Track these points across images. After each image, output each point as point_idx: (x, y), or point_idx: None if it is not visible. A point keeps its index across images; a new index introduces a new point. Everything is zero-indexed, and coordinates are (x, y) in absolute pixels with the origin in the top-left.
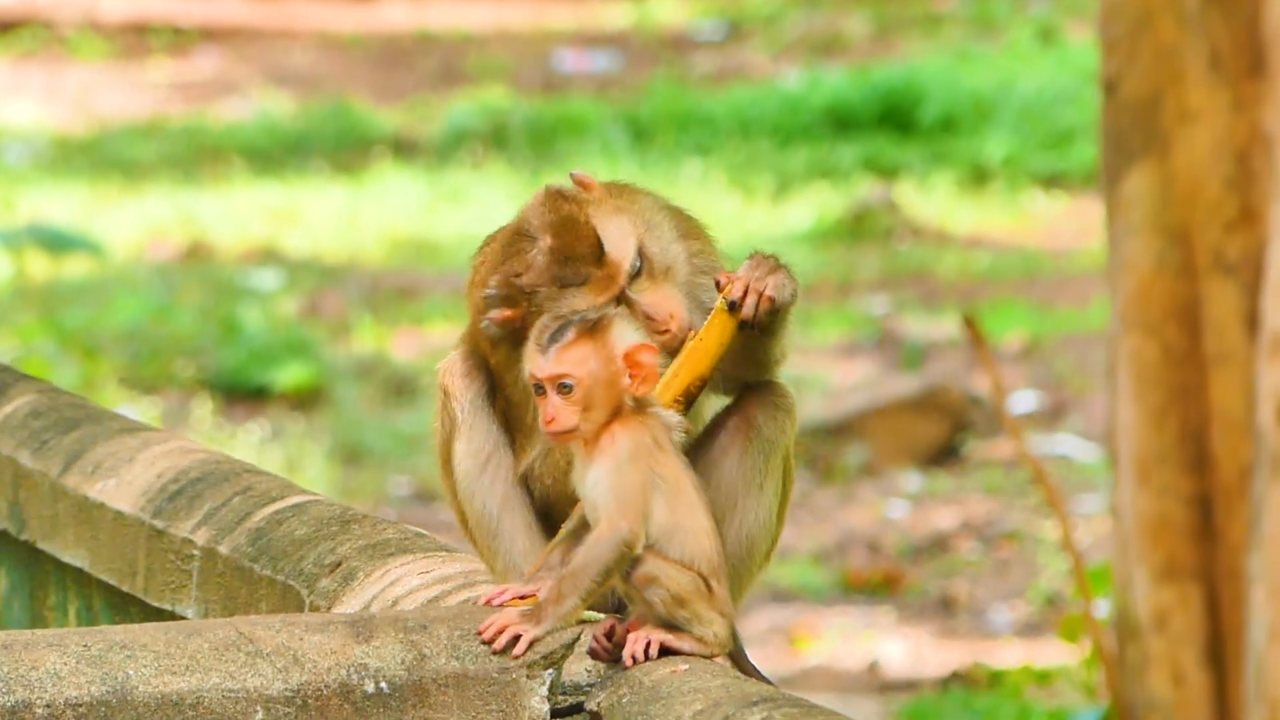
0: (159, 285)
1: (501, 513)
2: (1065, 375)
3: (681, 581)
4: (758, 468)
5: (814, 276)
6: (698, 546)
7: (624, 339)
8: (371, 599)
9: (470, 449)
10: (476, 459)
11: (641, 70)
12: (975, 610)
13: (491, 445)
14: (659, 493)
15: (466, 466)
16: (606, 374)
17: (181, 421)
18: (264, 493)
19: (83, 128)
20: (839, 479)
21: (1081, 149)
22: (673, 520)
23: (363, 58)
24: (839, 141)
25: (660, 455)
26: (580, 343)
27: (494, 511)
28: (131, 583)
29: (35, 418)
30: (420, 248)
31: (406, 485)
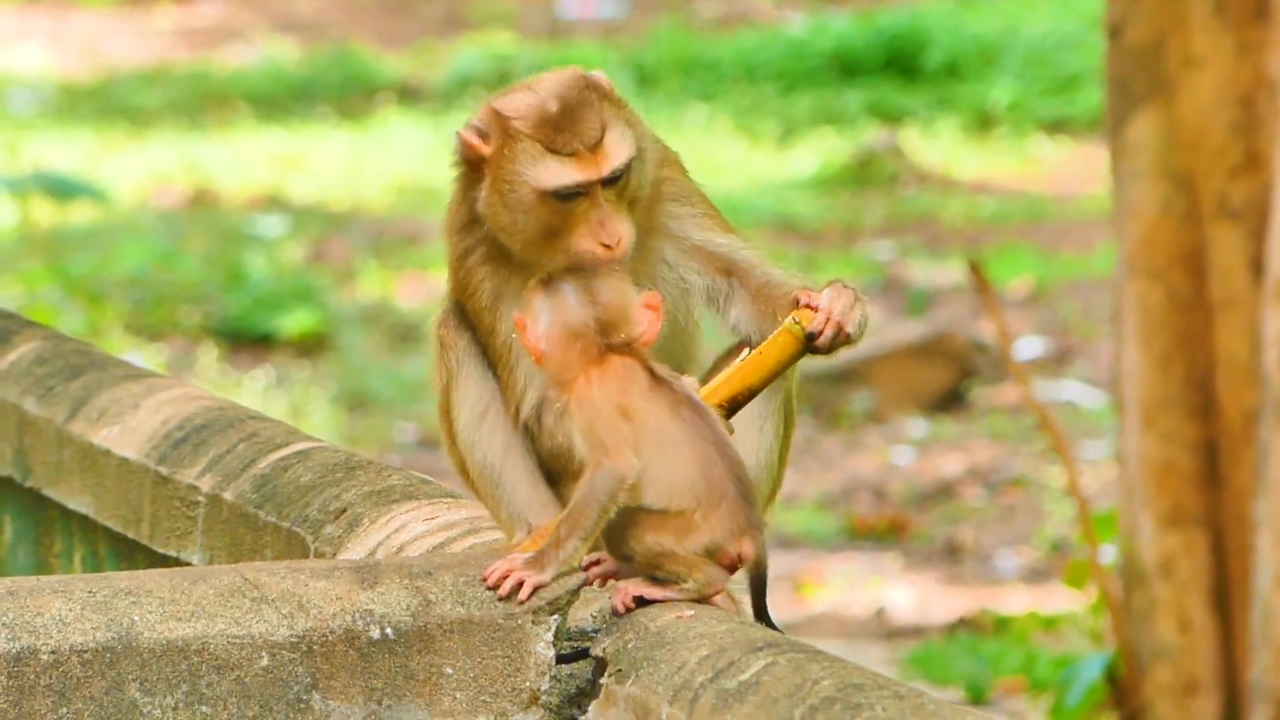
0: (164, 232)
1: (503, 462)
2: (1070, 321)
3: (646, 543)
4: (757, 409)
5: (819, 222)
6: (673, 481)
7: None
8: (376, 545)
9: (468, 399)
10: (474, 409)
11: (646, 16)
12: (981, 556)
13: (489, 395)
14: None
15: (465, 417)
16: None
17: (186, 368)
18: (269, 439)
19: (88, 74)
20: (844, 425)
21: (1086, 94)
22: (640, 462)
23: (368, 4)
24: (844, 87)
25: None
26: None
27: (495, 462)
28: (137, 529)
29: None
30: (425, 194)
31: (412, 431)
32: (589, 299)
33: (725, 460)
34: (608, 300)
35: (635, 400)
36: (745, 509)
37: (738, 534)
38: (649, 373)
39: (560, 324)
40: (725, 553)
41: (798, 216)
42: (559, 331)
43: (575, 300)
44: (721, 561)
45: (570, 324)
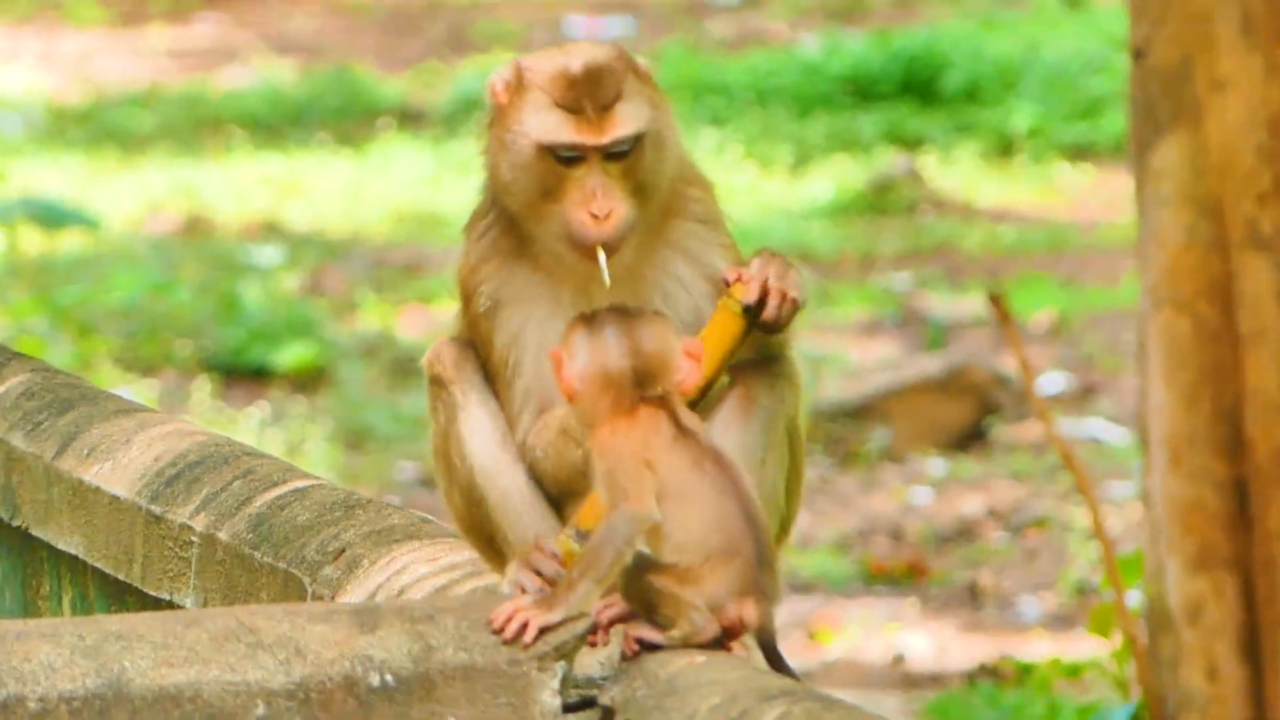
0: (157, 261)
1: (527, 487)
2: (1095, 355)
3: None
4: (758, 441)
5: (834, 251)
6: (687, 537)
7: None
8: (376, 588)
9: (483, 428)
10: (493, 437)
11: (655, 37)
12: (1003, 601)
13: (504, 421)
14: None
15: (484, 447)
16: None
17: (180, 403)
18: (265, 477)
19: (79, 96)
20: (860, 464)
21: (1110, 118)
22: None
23: (368, 23)
24: (859, 111)
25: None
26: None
27: (520, 488)
28: (128, 570)
29: (28, 398)
30: (427, 222)
31: (413, 469)
32: (631, 348)
33: (746, 518)
34: (650, 351)
35: (658, 453)
36: (757, 572)
37: (743, 595)
38: (675, 424)
39: (597, 370)
40: (727, 612)
41: (812, 246)
42: (595, 377)
43: (616, 348)
44: (722, 621)
45: (608, 372)
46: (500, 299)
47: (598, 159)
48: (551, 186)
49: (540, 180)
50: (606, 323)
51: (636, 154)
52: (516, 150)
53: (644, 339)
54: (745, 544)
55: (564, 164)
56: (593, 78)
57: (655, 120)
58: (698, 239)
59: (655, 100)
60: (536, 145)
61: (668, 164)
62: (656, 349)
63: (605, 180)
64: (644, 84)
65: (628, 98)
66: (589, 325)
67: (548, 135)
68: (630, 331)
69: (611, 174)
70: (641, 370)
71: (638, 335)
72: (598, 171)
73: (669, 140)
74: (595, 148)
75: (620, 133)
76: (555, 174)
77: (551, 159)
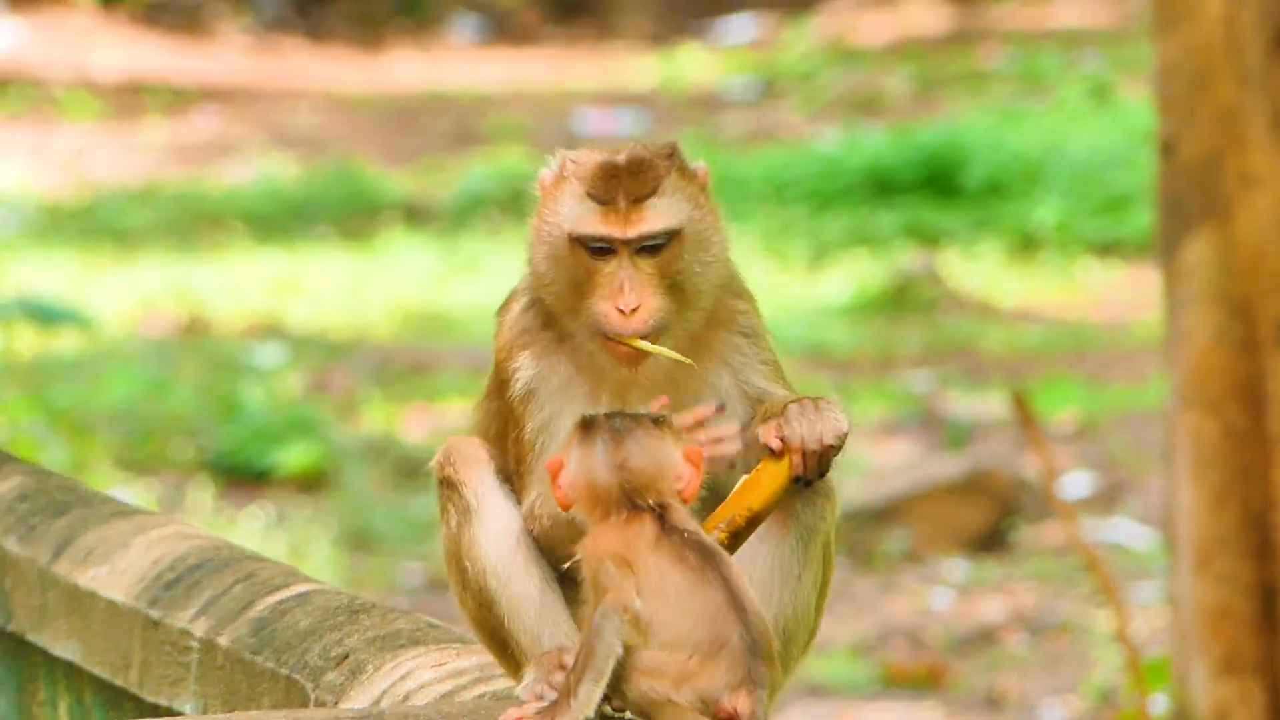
0: (154, 361)
1: (541, 594)
2: (1120, 456)
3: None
4: (796, 556)
5: (852, 350)
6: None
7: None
8: (381, 694)
9: (495, 532)
10: (506, 542)
11: (669, 131)
12: (1025, 706)
13: (517, 524)
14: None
15: (497, 551)
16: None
17: (179, 505)
18: (267, 580)
19: (73, 192)
20: (880, 566)
21: (1137, 215)
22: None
23: (371, 118)
24: (879, 206)
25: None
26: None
27: (533, 594)
28: (126, 676)
29: (23, 501)
30: (433, 321)
31: (419, 573)
32: (618, 462)
33: (735, 609)
34: (638, 466)
35: (639, 554)
36: (747, 662)
37: (735, 686)
38: (659, 524)
39: (585, 483)
40: (720, 706)
41: (830, 344)
42: (583, 489)
43: (604, 462)
44: (718, 715)
45: (595, 485)
46: (536, 387)
47: (628, 253)
48: (583, 279)
49: (572, 272)
50: (599, 435)
51: (672, 251)
52: (552, 241)
53: (634, 453)
54: (732, 632)
55: (595, 256)
56: (630, 171)
57: (695, 220)
58: (740, 354)
59: (698, 201)
60: (567, 236)
61: (710, 268)
62: (646, 464)
63: (635, 275)
64: (689, 183)
65: (664, 194)
66: (584, 435)
67: (577, 226)
68: (621, 445)
69: (642, 269)
70: (628, 485)
71: (628, 449)
72: (627, 265)
73: (711, 243)
74: (623, 241)
75: (648, 227)
76: (586, 267)
77: (583, 251)
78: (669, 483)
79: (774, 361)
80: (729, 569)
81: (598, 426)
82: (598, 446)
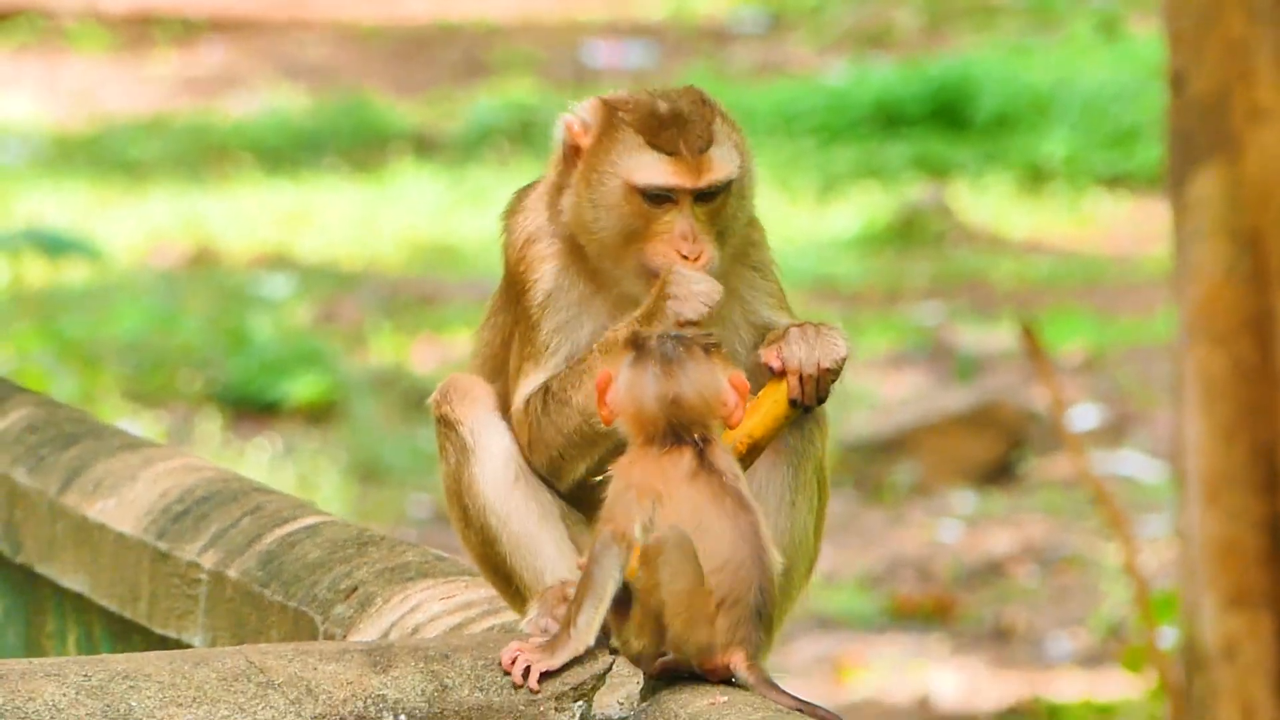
0: (163, 292)
1: (541, 530)
2: (1129, 389)
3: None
4: (788, 482)
5: (861, 283)
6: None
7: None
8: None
9: (492, 470)
10: (504, 479)
11: (678, 64)
12: (1033, 639)
13: (515, 461)
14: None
15: (495, 489)
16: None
17: (187, 437)
18: (275, 513)
19: (83, 125)
20: (888, 499)
21: (1146, 148)
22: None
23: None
24: (887, 140)
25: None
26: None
27: (533, 530)
28: (134, 609)
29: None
30: (441, 252)
31: (427, 505)
32: (670, 394)
33: (757, 565)
34: (689, 399)
35: (675, 485)
36: (751, 624)
37: (734, 645)
38: (699, 459)
39: (634, 408)
40: (713, 656)
41: (838, 277)
42: (631, 415)
43: (655, 392)
44: (706, 664)
45: (643, 413)
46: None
47: (688, 201)
48: (638, 228)
49: (626, 223)
50: (651, 361)
51: (723, 198)
52: (605, 191)
53: (685, 388)
54: (749, 592)
55: (654, 204)
56: (686, 120)
57: (744, 165)
58: (751, 286)
59: (742, 146)
60: (627, 185)
61: (745, 211)
62: (696, 399)
63: (695, 223)
64: (731, 128)
65: (720, 142)
66: (637, 355)
67: (645, 177)
68: (673, 377)
69: (699, 217)
70: (677, 420)
71: (680, 384)
72: (688, 214)
73: (749, 188)
74: (690, 190)
75: (715, 177)
76: (643, 215)
77: (640, 200)
78: (715, 412)
79: (779, 292)
80: (761, 525)
81: (650, 350)
82: (649, 375)
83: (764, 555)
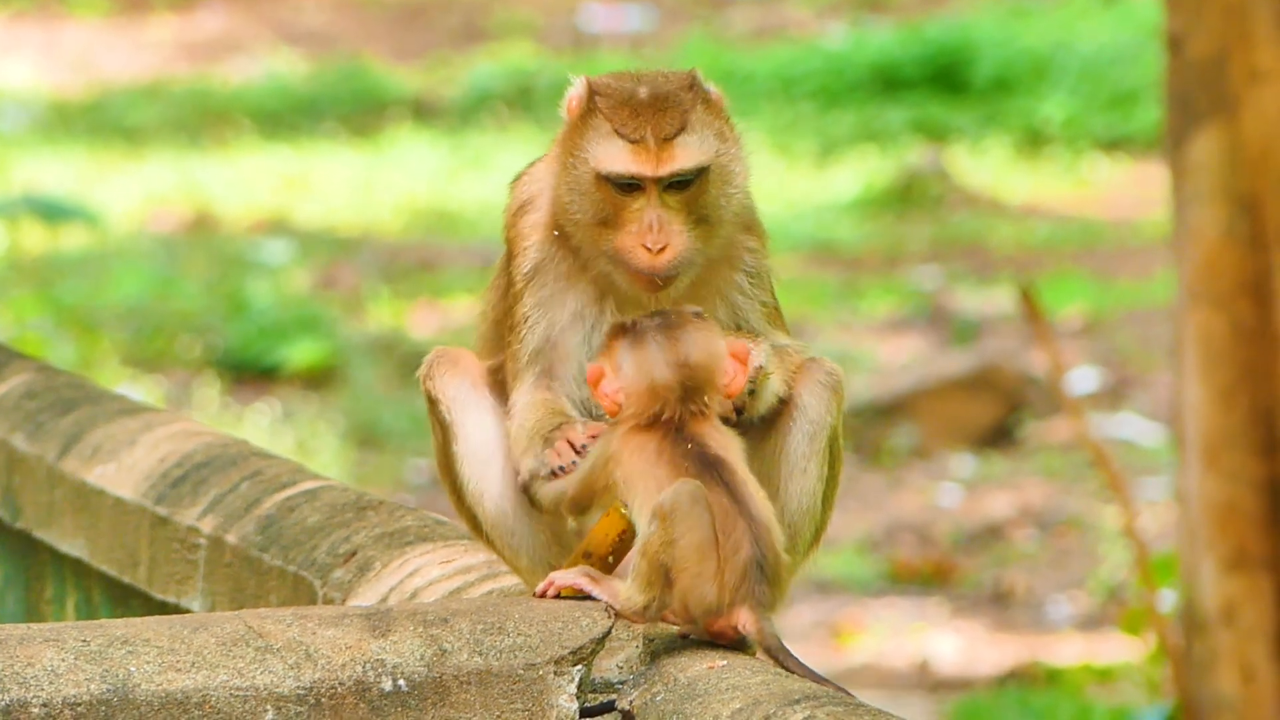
0: (162, 258)
1: (516, 507)
2: (1128, 352)
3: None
4: (801, 450)
5: (860, 246)
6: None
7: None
8: (389, 591)
9: (470, 449)
10: (478, 458)
11: (676, 28)
12: (1032, 603)
13: (493, 440)
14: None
15: (471, 468)
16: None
17: (186, 402)
18: (274, 478)
19: (81, 90)
20: (887, 462)
21: (1145, 111)
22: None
23: (379, 14)
24: (886, 103)
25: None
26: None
27: (508, 508)
28: (133, 574)
29: (30, 398)
30: (440, 217)
31: (425, 470)
32: (678, 360)
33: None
34: (697, 362)
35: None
36: (755, 580)
37: (739, 602)
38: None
39: (645, 386)
40: (720, 617)
41: (837, 241)
42: (642, 393)
43: (663, 359)
44: (713, 626)
45: (655, 387)
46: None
47: (656, 190)
48: (609, 215)
49: (597, 209)
50: (650, 334)
51: (699, 186)
52: (577, 176)
53: (691, 350)
54: (742, 548)
55: (623, 193)
56: (658, 107)
57: (721, 154)
58: (742, 293)
59: (724, 133)
60: (595, 173)
61: (733, 199)
62: (704, 358)
63: (663, 212)
64: (714, 115)
65: (692, 129)
66: (632, 337)
67: (606, 164)
68: (678, 342)
69: (671, 205)
70: (689, 383)
71: (684, 347)
72: (655, 203)
73: (735, 174)
74: (653, 179)
75: (679, 165)
76: (613, 202)
77: (610, 187)
78: (721, 379)
79: (774, 305)
80: (741, 478)
81: (643, 328)
82: (654, 346)
83: (749, 505)
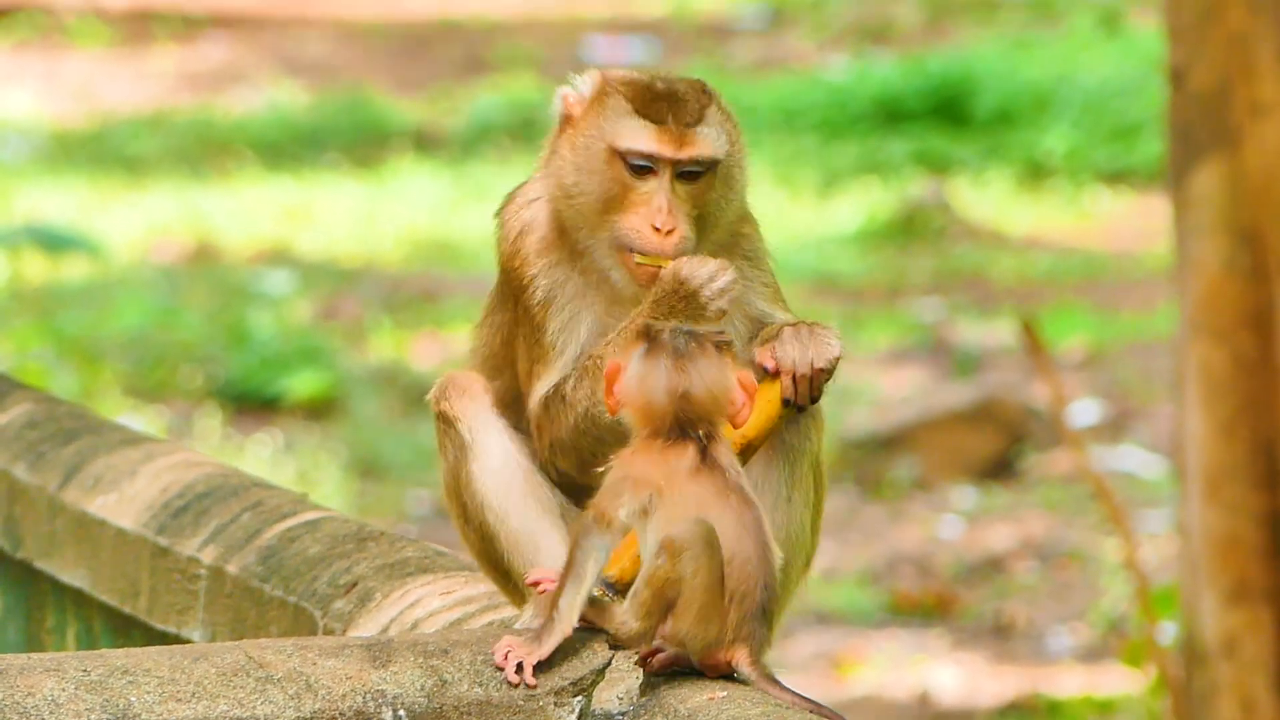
0: (163, 288)
1: (539, 527)
2: (1129, 384)
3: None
4: (783, 478)
5: (862, 278)
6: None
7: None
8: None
9: (491, 468)
10: (502, 477)
11: (678, 59)
12: (1033, 635)
13: (514, 458)
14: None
15: (493, 488)
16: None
17: (187, 433)
18: (275, 508)
19: (83, 120)
20: (888, 495)
21: (1147, 143)
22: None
23: (382, 46)
24: (889, 135)
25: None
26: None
27: (531, 527)
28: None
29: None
30: (442, 248)
31: (427, 501)
32: (681, 389)
33: (761, 562)
34: (700, 395)
35: (676, 481)
36: (756, 621)
37: (739, 642)
38: (701, 455)
39: (643, 402)
40: (716, 652)
41: (839, 273)
42: (640, 407)
43: (664, 385)
44: (707, 659)
45: (650, 405)
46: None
47: (669, 174)
48: (616, 195)
49: (605, 186)
50: (662, 354)
51: (707, 181)
52: (589, 154)
53: (696, 384)
54: (755, 589)
55: (634, 174)
56: (678, 94)
57: (730, 155)
58: (743, 277)
59: (733, 137)
60: (609, 149)
61: (731, 204)
62: (705, 396)
63: (672, 198)
64: (726, 119)
65: (710, 122)
66: (650, 347)
67: (625, 141)
68: (684, 372)
69: (679, 194)
70: (684, 415)
71: (691, 379)
72: (667, 187)
73: (737, 181)
74: (671, 160)
75: (699, 151)
76: (622, 183)
77: (621, 166)
78: (723, 410)
79: (774, 284)
80: (764, 522)
81: (663, 344)
82: (660, 368)
83: (768, 551)
